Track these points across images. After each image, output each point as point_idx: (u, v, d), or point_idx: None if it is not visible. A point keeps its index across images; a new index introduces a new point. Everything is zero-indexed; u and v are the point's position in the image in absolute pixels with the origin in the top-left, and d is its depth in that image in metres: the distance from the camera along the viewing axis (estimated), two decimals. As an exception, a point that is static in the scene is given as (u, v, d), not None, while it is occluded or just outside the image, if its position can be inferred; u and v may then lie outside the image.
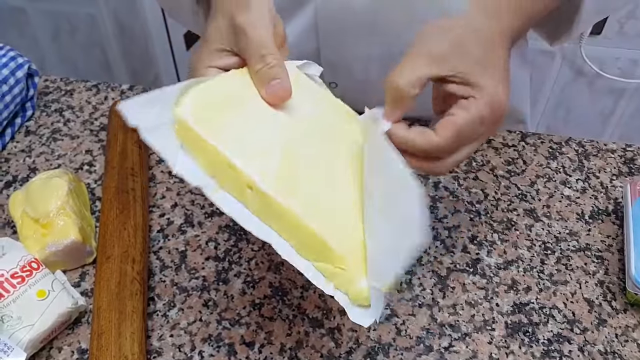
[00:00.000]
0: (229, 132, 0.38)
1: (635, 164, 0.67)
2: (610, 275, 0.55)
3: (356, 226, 0.39)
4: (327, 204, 0.39)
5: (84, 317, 0.51)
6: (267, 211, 0.37)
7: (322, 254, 0.37)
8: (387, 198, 0.38)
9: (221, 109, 0.39)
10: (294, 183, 0.38)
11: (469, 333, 0.50)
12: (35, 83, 0.74)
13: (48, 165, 0.66)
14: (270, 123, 0.41)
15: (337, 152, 0.43)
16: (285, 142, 0.40)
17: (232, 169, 0.36)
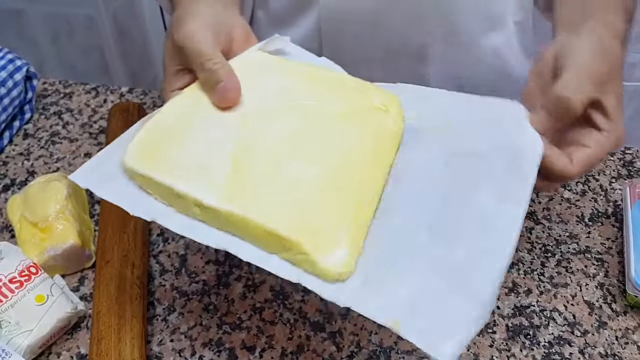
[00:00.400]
0: (174, 161, 0.40)
1: (635, 167, 0.67)
2: (610, 278, 0.55)
3: (329, 196, 0.39)
4: (283, 186, 0.39)
5: (83, 322, 0.51)
6: (220, 222, 0.38)
7: (279, 244, 0.37)
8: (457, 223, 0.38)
9: (167, 140, 0.41)
10: (243, 185, 0.39)
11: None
12: (33, 86, 0.74)
13: (47, 169, 0.66)
14: (218, 132, 0.42)
15: (307, 126, 0.43)
16: (236, 144, 0.41)
17: (179, 196, 0.38)
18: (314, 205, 0.39)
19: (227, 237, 0.38)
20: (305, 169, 0.40)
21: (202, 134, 0.41)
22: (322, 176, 0.40)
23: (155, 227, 0.59)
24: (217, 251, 0.57)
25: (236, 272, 0.55)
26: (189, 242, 0.58)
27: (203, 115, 0.42)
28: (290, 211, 0.38)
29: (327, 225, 0.38)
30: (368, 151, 0.42)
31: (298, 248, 0.36)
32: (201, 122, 0.42)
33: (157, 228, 0.59)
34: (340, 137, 0.43)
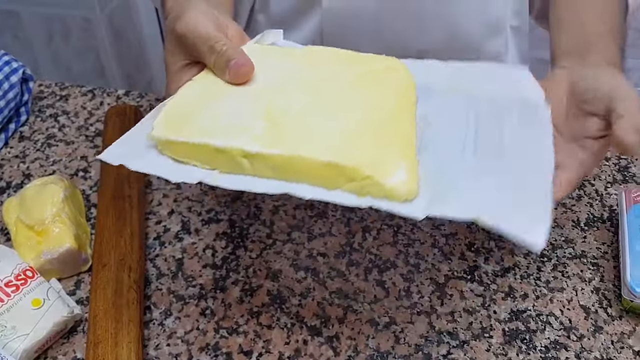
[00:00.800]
0: (206, 126, 0.39)
1: (630, 172, 0.67)
2: (606, 282, 0.55)
3: (371, 134, 0.41)
4: (326, 131, 0.40)
5: (79, 326, 0.51)
6: (271, 169, 0.38)
7: (341, 176, 0.37)
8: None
9: (193, 112, 0.41)
10: (284, 132, 0.39)
11: (467, 340, 0.50)
12: (30, 88, 0.74)
13: (43, 172, 0.66)
14: (241, 101, 0.42)
15: (327, 90, 0.44)
16: (264, 106, 0.41)
17: (221, 152, 0.38)
18: (360, 144, 0.39)
19: (282, 183, 0.38)
20: (339, 120, 0.41)
21: (226, 104, 0.41)
22: (358, 124, 0.41)
23: (152, 231, 0.59)
24: (214, 255, 0.57)
25: (233, 276, 0.55)
26: (185, 246, 0.58)
27: (221, 91, 0.42)
28: (341, 148, 0.39)
29: (381, 156, 0.39)
30: (392, 102, 0.44)
31: (362, 174, 0.37)
32: (221, 96, 0.42)
33: (153, 231, 0.59)
34: (362, 94, 0.44)
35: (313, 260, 0.56)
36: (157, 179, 0.64)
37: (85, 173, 0.65)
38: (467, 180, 0.39)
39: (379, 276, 0.55)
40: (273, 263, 0.56)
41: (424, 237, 0.59)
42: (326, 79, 0.45)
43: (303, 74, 0.45)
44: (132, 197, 0.58)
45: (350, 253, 0.57)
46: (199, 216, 0.61)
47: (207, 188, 0.63)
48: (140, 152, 0.39)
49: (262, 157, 0.37)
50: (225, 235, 0.59)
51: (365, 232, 0.59)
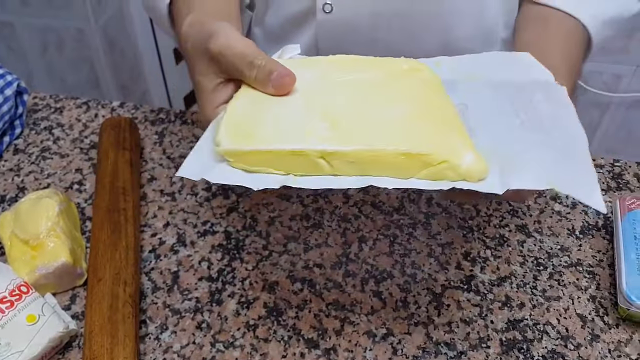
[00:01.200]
0: (271, 132, 0.40)
1: (623, 179, 0.67)
2: (602, 290, 0.56)
3: (427, 122, 0.42)
4: (385, 123, 0.41)
5: (75, 341, 0.51)
6: (349, 165, 0.39)
7: (417, 164, 0.39)
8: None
9: (252, 122, 0.41)
10: (349, 129, 0.40)
11: (464, 351, 0.50)
12: (24, 101, 0.74)
13: (37, 185, 0.65)
14: (295, 104, 0.43)
15: (366, 90, 0.45)
16: (318, 106, 0.42)
17: (297, 155, 0.39)
18: (423, 132, 0.41)
19: (362, 177, 0.39)
20: (392, 112, 0.42)
21: (280, 111, 0.42)
22: (410, 114, 0.42)
23: (147, 244, 0.59)
24: (210, 267, 0.56)
25: (229, 288, 0.55)
26: (181, 259, 0.57)
27: (269, 101, 0.43)
28: (409, 137, 0.40)
29: (446, 140, 0.40)
30: (429, 94, 0.45)
31: (438, 159, 0.39)
32: (271, 104, 0.43)
33: (149, 244, 0.59)
34: (398, 89, 0.45)
35: (309, 271, 0.56)
36: (152, 191, 0.64)
37: (80, 186, 0.65)
38: (526, 153, 0.40)
39: (376, 287, 0.55)
40: (269, 275, 0.56)
41: (420, 247, 0.59)
42: (360, 79, 0.46)
43: (336, 76, 0.46)
44: (127, 210, 0.57)
45: (347, 264, 0.57)
46: (194, 228, 0.60)
47: (202, 200, 0.63)
48: (212, 167, 0.40)
49: (340, 154, 0.39)
50: (221, 247, 0.58)
51: (362, 243, 0.59)
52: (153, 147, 0.70)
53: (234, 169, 0.40)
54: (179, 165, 0.67)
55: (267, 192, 0.41)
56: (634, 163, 0.70)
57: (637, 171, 0.69)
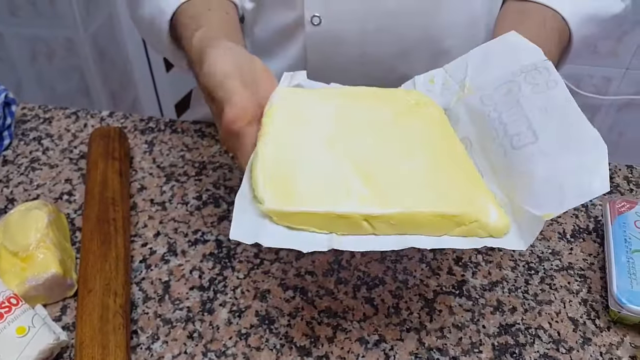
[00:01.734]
0: (311, 192, 0.41)
1: (614, 182, 0.68)
2: (593, 294, 0.56)
3: (458, 179, 0.44)
4: (415, 180, 0.43)
5: (65, 352, 0.50)
6: (389, 226, 0.41)
7: (451, 223, 0.41)
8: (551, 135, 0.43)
9: (288, 177, 0.42)
10: (384, 188, 0.42)
11: (456, 356, 0.50)
12: (12, 112, 0.73)
13: (27, 196, 0.65)
14: (321, 152, 0.44)
15: (387, 126, 0.47)
16: (346, 156, 0.43)
17: (343, 218, 0.40)
18: (452, 189, 0.43)
19: (402, 237, 0.41)
20: (412, 163, 0.44)
21: (312, 163, 0.43)
22: (431, 166, 0.44)
23: (138, 254, 0.59)
24: (201, 277, 0.56)
25: (221, 297, 0.54)
26: (172, 268, 0.57)
27: (297, 147, 0.44)
28: (438, 195, 0.42)
29: (473, 197, 0.43)
30: (441, 137, 0.47)
31: (469, 218, 0.41)
32: (300, 152, 0.44)
33: (139, 254, 0.58)
34: (413, 137, 0.46)
35: (301, 279, 0.56)
36: (142, 200, 0.64)
37: (69, 196, 0.65)
38: (533, 183, 0.42)
39: (368, 293, 0.55)
40: (261, 283, 0.56)
41: (412, 253, 0.59)
42: (373, 120, 0.47)
43: (350, 116, 0.47)
44: (116, 220, 0.57)
45: (339, 271, 0.57)
46: (185, 237, 0.60)
47: (193, 209, 0.63)
48: (260, 225, 0.40)
49: (383, 217, 0.40)
50: (212, 256, 0.58)
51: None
52: (143, 157, 0.70)
53: (277, 226, 0.40)
54: (169, 175, 0.67)
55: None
56: (624, 166, 0.70)
57: (627, 174, 0.69)
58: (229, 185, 0.66)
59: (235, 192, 0.64)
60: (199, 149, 0.71)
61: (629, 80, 1.42)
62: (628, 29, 1.33)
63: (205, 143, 0.72)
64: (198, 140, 0.73)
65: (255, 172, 0.42)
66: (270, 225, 0.40)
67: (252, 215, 0.41)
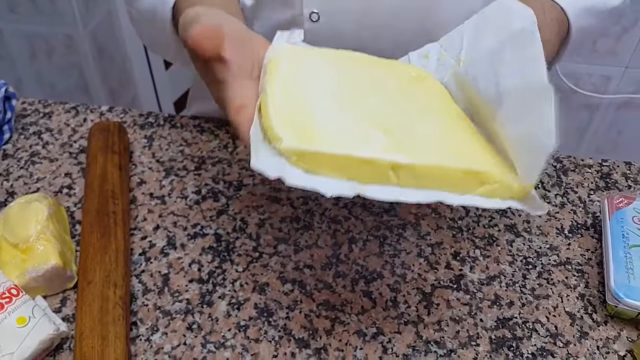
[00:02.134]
0: (332, 134, 0.39)
1: (612, 179, 0.68)
2: (591, 289, 0.56)
3: (475, 142, 0.43)
4: (437, 139, 0.42)
5: (65, 343, 0.50)
6: (415, 178, 0.39)
7: (475, 182, 0.40)
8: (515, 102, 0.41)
9: (305, 118, 0.39)
10: (407, 141, 0.40)
11: (454, 349, 0.50)
12: (12, 106, 0.73)
13: (27, 189, 0.65)
14: (335, 101, 0.42)
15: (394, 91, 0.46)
16: (361, 112, 0.42)
17: (367, 163, 0.38)
18: (467, 147, 0.42)
19: (426, 192, 0.39)
20: (427, 125, 0.43)
21: (328, 108, 0.41)
22: (443, 127, 0.43)
23: (137, 247, 0.59)
24: (200, 269, 0.57)
25: (220, 290, 0.55)
26: (171, 261, 0.57)
27: (304, 96, 0.41)
28: (461, 153, 0.41)
29: (492, 159, 0.41)
30: (445, 106, 0.46)
31: (494, 178, 0.39)
32: (313, 96, 0.41)
33: (139, 247, 0.59)
34: (420, 102, 0.45)
35: (300, 272, 0.56)
36: (142, 194, 0.64)
37: (69, 190, 0.65)
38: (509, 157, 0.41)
39: (366, 287, 0.55)
40: (260, 276, 0.56)
41: (410, 247, 0.59)
42: (378, 84, 0.45)
43: (355, 77, 0.45)
44: (116, 213, 0.57)
45: (337, 264, 0.57)
46: (184, 231, 0.60)
47: (192, 203, 0.63)
48: (278, 163, 0.37)
49: (410, 168, 0.38)
50: (211, 250, 0.58)
51: (352, 244, 0.59)
52: (142, 151, 0.70)
53: (295, 167, 0.37)
54: (168, 169, 0.67)
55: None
56: (622, 163, 0.70)
57: (625, 171, 0.69)
58: (228, 180, 0.66)
59: (234, 187, 0.65)
60: (198, 144, 0.71)
61: (628, 79, 1.43)
62: (628, 26, 1.33)
63: (205, 138, 0.72)
64: (197, 135, 0.73)
65: (267, 110, 0.38)
66: (288, 165, 0.37)
67: (267, 152, 0.38)
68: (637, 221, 0.57)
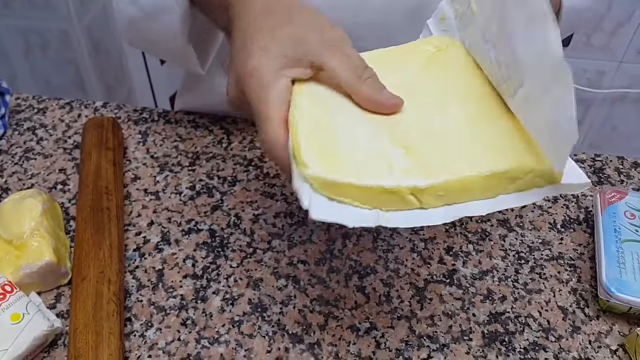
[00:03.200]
0: (353, 162, 0.38)
1: (604, 174, 0.68)
2: (583, 283, 0.56)
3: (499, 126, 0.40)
4: (455, 138, 0.39)
5: (60, 339, 0.51)
6: (436, 198, 0.37)
7: (505, 181, 0.38)
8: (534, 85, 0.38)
9: (329, 142, 0.39)
10: (426, 155, 0.38)
11: (447, 344, 0.51)
12: (6, 101, 0.73)
13: (21, 185, 0.65)
14: (354, 114, 0.41)
15: (413, 84, 0.43)
16: (383, 125, 0.40)
17: (390, 192, 0.37)
18: (491, 138, 0.39)
19: (449, 208, 0.38)
20: (448, 118, 0.40)
21: (349, 128, 0.40)
22: (465, 116, 0.41)
23: (132, 242, 0.59)
24: (195, 265, 0.57)
25: (214, 285, 0.55)
26: (165, 257, 0.58)
27: (328, 107, 0.41)
28: (484, 150, 0.38)
29: (519, 145, 0.38)
30: (469, 79, 0.43)
31: (524, 170, 0.37)
32: (334, 113, 0.41)
33: (133, 243, 0.59)
34: (439, 86, 0.43)
35: (294, 267, 0.57)
36: (136, 190, 0.64)
37: (63, 186, 0.65)
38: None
39: (359, 282, 0.55)
40: (254, 272, 0.56)
41: (403, 242, 0.59)
42: (396, 81, 0.43)
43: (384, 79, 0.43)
44: (110, 209, 0.57)
45: (331, 260, 0.57)
46: (178, 227, 0.61)
47: (186, 199, 0.63)
48: (306, 191, 0.37)
49: (430, 189, 0.37)
50: (205, 245, 0.59)
51: (345, 239, 0.59)
52: (136, 147, 0.70)
53: (318, 194, 0.37)
54: (162, 165, 0.67)
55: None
56: (615, 157, 0.71)
57: (618, 165, 0.70)
58: (222, 176, 0.66)
59: (228, 183, 0.65)
60: (193, 140, 0.71)
61: (622, 74, 1.43)
62: (622, 21, 1.33)
63: (199, 133, 0.72)
64: (192, 130, 0.73)
65: (295, 128, 0.38)
66: (312, 192, 0.37)
67: (297, 175, 0.37)
68: (630, 216, 0.58)
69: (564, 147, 0.35)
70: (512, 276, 0.57)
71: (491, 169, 0.37)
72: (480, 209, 0.37)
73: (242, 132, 0.73)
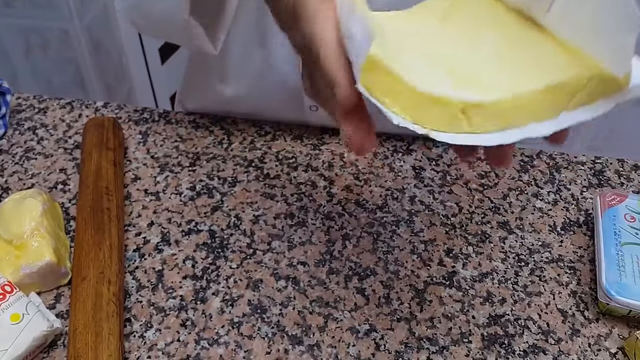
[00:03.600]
0: (414, 67, 0.34)
1: (604, 176, 0.68)
2: (583, 286, 0.56)
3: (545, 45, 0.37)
4: (504, 65, 0.37)
5: (59, 339, 0.51)
6: (489, 119, 0.34)
7: (564, 95, 0.35)
8: None
9: (396, 44, 0.35)
10: (477, 82, 0.35)
11: (446, 346, 0.51)
12: (7, 101, 0.73)
13: (21, 185, 0.65)
14: (422, 46, 0.38)
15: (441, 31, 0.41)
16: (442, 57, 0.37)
17: (437, 102, 0.33)
18: (540, 57, 0.36)
19: (511, 131, 0.34)
20: (490, 46, 0.38)
21: (409, 52, 0.37)
22: (509, 40, 0.38)
23: (131, 243, 0.59)
24: (194, 266, 0.57)
25: (213, 286, 0.55)
26: (165, 258, 0.58)
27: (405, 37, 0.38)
28: (534, 68, 0.35)
29: (569, 57, 0.36)
30: (495, 13, 0.41)
31: (583, 78, 0.34)
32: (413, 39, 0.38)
33: (133, 243, 0.59)
34: (468, 27, 0.41)
35: (293, 269, 0.57)
36: (137, 190, 0.64)
37: (64, 186, 0.65)
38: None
39: (359, 284, 0.55)
40: (253, 273, 0.56)
41: (403, 244, 0.59)
42: (422, 32, 0.40)
43: (402, 31, 0.40)
44: (110, 209, 0.57)
45: (330, 261, 0.57)
46: (178, 227, 0.61)
47: (186, 199, 0.63)
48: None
49: (483, 106, 0.33)
50: (205, 246, 0.59)
51: (345, 240, 0.59)
52: (137, 147, 0.70)
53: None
54: (163, 165, 0.67)
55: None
56: (615, 160, 0.71)
57: (618, 168, 0.70)
58: (223, 176, 0.66)
59: (228, 183, 0.65)
60: (193, 140, 0.71)
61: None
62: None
63: (199, 134, 0.72)
64: (192, 131, 0.73)
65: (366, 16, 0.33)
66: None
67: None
68: (630, 219, 0.58)
69: (624, 41, 0.32)
70: (511, 278, 0.57)
71: (546, 83, 0.34)
72: (542, 129, 0.34)
73: (242, 132, 0.73)
